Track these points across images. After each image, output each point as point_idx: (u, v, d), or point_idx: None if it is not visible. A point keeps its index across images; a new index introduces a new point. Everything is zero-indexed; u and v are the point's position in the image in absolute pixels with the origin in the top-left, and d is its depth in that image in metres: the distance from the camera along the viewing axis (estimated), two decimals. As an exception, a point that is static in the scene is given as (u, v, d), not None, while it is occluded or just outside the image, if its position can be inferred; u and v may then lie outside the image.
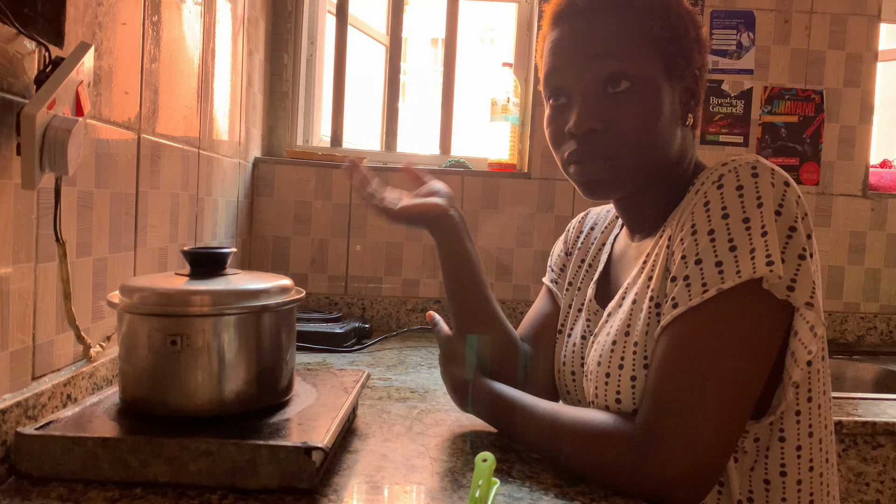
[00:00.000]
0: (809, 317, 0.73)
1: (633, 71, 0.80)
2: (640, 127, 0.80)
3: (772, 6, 1.99)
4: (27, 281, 0.78)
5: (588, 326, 0.94)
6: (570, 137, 0.82)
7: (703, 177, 0.78)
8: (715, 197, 0.74)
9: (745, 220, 0.72)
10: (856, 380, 1.83)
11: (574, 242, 1.06)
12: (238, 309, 0.79)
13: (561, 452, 0.80)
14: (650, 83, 0.80)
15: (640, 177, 0.83)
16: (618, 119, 0.80)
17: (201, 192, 1.41)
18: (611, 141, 0.80)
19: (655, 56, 0.81)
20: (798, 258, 0.73)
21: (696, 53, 0.84)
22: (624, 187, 0.84)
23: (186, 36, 1.26)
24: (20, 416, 0.75)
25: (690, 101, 0.85)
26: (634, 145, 0.80)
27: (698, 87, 0.85)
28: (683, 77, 0.83)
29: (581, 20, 0.82)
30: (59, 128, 0.72)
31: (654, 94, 0.80)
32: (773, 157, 2.01)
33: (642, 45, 0.81)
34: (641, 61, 0.80)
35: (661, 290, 0.78)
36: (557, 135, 0.85)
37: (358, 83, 2.33)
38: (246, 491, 0.70)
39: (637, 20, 0.81)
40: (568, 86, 0.83)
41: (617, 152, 0.81)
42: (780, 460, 0.77)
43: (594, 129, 0.80)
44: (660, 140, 0.81)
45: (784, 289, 0.72)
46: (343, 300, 1.91)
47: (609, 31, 0.81)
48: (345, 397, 0.88)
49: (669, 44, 0.81)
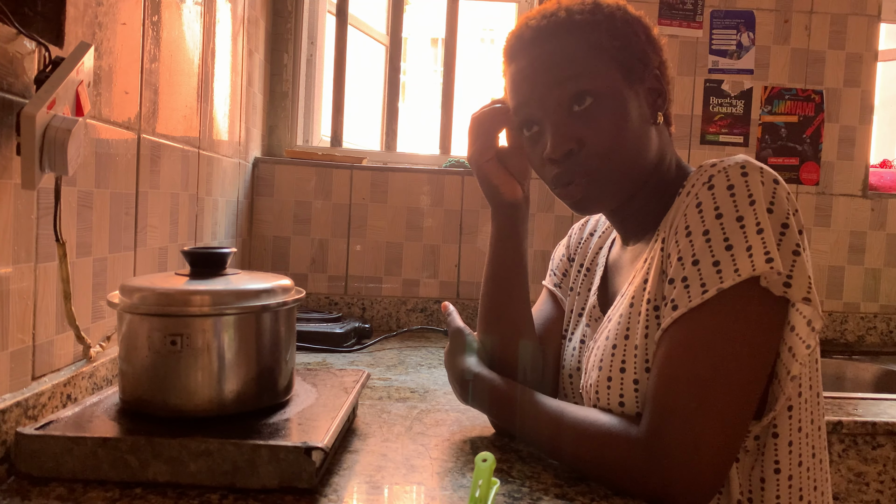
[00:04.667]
0: (806, 311, 0.73)
1: (593, 86, 0.81)
2: (613, 138, 0.81)
3: (772, 6, 1.99)
4: (27, 281, 0.78)
5: (588, 331, 0.94)
6: (550, 162, 0.84)
7: (693, 178, 0.79)
8: (707, 197, 0.75)
9: (738, 219, 0.73)
10: (856, 380, 1.83)
11: (576, 248, 1.07)
12: (238, 309, 0.79)
13: (563, 450, 0.80)
14: (612, 93, 0.82)
15: (625, 185, 0.84)
16: (590, 135, 0.81)
17: (201, 192, 1.41)
18: (589, 157, 0.82)
19: (610, 66, 0.82)
20: (793, 254, 0.73)
21: (651, 54, 0.86)
22: (612, 198, 0.85)
23: (186, 36, 1.26)
24: (20, 416, 0.75)
25: (657, 100, 0.86)
26: (612, 157, 0.82)
27: (662, 85, 0.86)
28: (644, 79, 0.85)
29: (532, 50, 0.85)
30: (59, 128, 0.72)
31: (619, 103, 0.82)
32: (773, 157, 2.01)
33: (595, 58, 0.82)
34: (599, 74, 0.82)
35: (659, 292, 0.79)
36: (537, 163, 0.87)
37: (358, 83, 2.33)
38: (246, 491, 0.70)
39: (584, 36, 0.83)
40: (536, 115, 0.85)
41: (597, 167, 0.82)
42: (774, 457, 0.77)
43: (570, 150, 0.82)
44: (635, 145, 0.83)
45: (781, 285, 0.72)
46: (343, 300, 1.91)
47: (561, 54, 0.83)
48: (345, 397, 0.88)
49: (621, 51, 0.83)
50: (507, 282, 0.95)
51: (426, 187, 1.93)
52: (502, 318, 0.95)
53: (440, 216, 1.94)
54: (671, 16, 1.98)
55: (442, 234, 1.94)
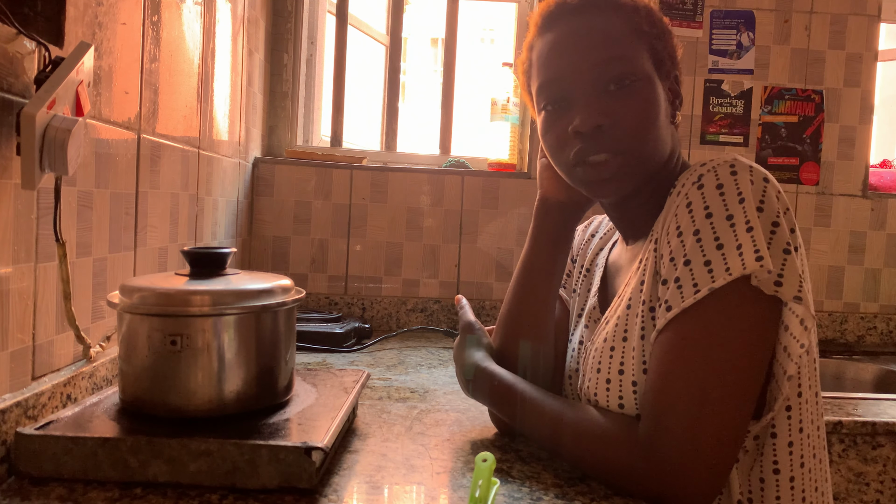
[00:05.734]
0: (798, 310, 0.73)
1: (633, 68, 0.81)
2: (645, 120, 0.81)
3: (772, 6, 1.99)
4: (27, 281, 0.78)
5: (586, 333, 0.94)
6: (576, 137, 0.82)
7: (683, 178, 0.78)
8: (696, 197, 0.75)
9: (728, 218, 0.73)
10: (856, 380, 1.83)
11: (578, 249, 1.06)
12: (238, 309, 0.79)
13: (562, 449, 0.80)
14: (647, 78, 0.82)
15: (644, 171, 0.83)
16: (623, 114, 0.80)
17: (201, 192, 1.41)
18: (618, 136, 0.81)
19: (646, 52, 0.83)
20: (783, 253, 0.73)
21: (676, 59, 0.87)
22: (630, 182, 0.84)
23: (186, 36, 1.26)
24: (20, 416, 0.75)
25: (675, 101, 0.87)
26: (641, 138, 0.81)
27: (679, 88, 0.88)
28: (669, 77, 0.85)
29: (575, 20, 0.83)
30: (59, 128, 0.72)
31: (652, 89, 0.82)
32: (773, 157, 2.01)
33: (636, 42, 0.82)
34: (638, 59, 0.82)
35: (654, 293, 0.79)
36: (561, 138, 0.84)
37: (358, 83, 2.33)
38: (246, 491, 0.70)
39: (628, 17, 0.83)
40: (568, 89, 0.83)
41: (625, 146, 0.81)
42: (773, 457, 0.77)
43: (601, 125, 0.80)
44: (661, 134, 0.83)
45: (772, 284, 0.72)
46: (343, 300, 1.91)
47: (606, 31, 0.82)
48: (345, 397, 0.88)
49: (656, 40, 0.84)
50: (532, 283, 0.94)
51: (426, 187, 1.93)
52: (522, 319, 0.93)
53: (440, 216, 1.94)
54: (671, 16, 1.98)
55: (442, 234, 1.94)
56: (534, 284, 0.94)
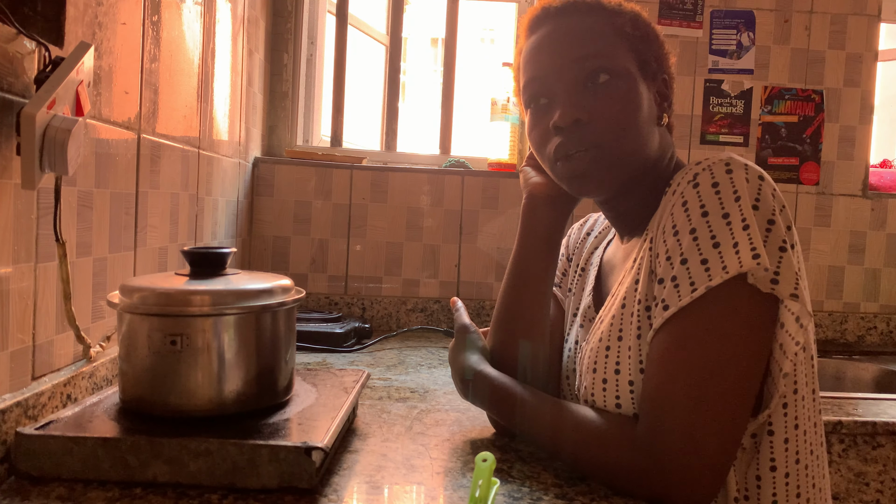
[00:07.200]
0: (794, 308, 0.73)
1: (611, 65, 0.82)
2: (623, 115, 0.82)
3: (772, 6, 1.99)
4: (27, 281, 0.78)
5: (581, 332, 0.94)
6: (556, 132, 0.83)
7: (679, 177, 0.79)
8: (692, 196, 0.75)
9: (724, 216, 0.73)
10: (856, 380, 1.83)
11: (574, 247, 1.06)
12: (238, 309, 0.79)
13: (562, 450, 0.80)
14: (627, 76, 0.83)
15: (625, 170, 0.83)
16: (601, 109, 0.82)
17: (201, 192, 1.41)
18: (596, 130, 0.82)
19: (629, 52, 0.84)
20: (779, 250, 0.73)
21: (664, 62, 0.88)
22: (611, 180, 0.84)
23: (186, 36, 1.26)
24: (20, 416, 0.75)
25: (664, 103, 0.88)
26: (619, 133, 0.82)
27: (669, 91, 0.88)
28: (656, 79, 0.86)
29: (557, 20, 0.86)
30: (59, 128, 0.72)
31: (633, 87, 0.83)
32: (773, 157, 2.01)
33: (617, 42, 0.84)
34: (618, 57, 0.83)
35: (649, 292, 0.79)
36: (544, 134, 0.86)
37: (358, 83, 2.33)
38: (246, 491, 0.70)
39: (610, 19, 0.84)
40: (549, 86, 0.85)
41: (603, 140, 0.82)
42: (769, 454, 0.77)
43: (579, 119, 0.81)
44: (641, 131, 0.83)
45: (768, 282, 0.72)
46: (343, 300, 1.91)
47: (586, 30, 0.84)
48: (345, 397, 0.88)
49: (641, 42, 0.85)
50: (524, 282, 0.93)
51: (426, 187, 1.93)
52: (515, 320, 0.93)
53: (440, 216, 1.94)
54: (671, 16, 1.98)
55: (442, 234, 1.94)
56: (526, 284, 0.94)
